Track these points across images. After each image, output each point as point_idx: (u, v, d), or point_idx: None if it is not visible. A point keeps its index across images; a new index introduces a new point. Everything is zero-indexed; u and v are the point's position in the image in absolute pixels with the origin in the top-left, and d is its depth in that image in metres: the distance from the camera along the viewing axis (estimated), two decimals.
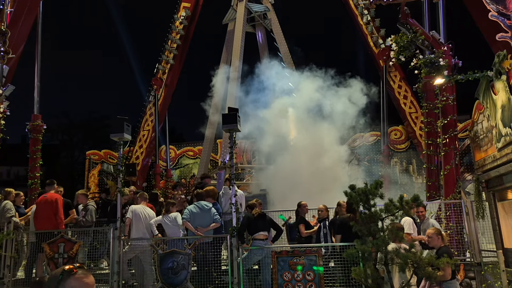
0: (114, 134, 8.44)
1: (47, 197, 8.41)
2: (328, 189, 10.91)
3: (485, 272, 7.87)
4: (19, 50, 12.11)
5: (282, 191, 12.04)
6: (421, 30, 8.83)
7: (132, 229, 8.00)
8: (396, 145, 18.00)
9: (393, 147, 17.89)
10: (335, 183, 11.56)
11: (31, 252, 8.36)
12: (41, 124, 12.52)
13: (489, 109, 7.28)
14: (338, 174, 12.88)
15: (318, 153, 12.89)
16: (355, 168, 17.30)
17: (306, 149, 13.13)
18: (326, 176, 12.21)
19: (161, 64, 19.86)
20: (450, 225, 8.60)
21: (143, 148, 19.62)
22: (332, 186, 11.30)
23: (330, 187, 11.20)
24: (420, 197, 6.11)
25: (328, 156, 12.97)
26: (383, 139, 16.99)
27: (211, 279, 7.66)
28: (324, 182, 11.81)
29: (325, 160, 12.85)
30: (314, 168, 12.40)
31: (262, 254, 7.67)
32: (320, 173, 12.27)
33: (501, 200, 7.68)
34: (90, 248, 8.49)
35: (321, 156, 12.83)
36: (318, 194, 10.51)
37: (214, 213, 8.08)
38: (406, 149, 17.93)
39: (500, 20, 8.94)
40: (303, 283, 7.41)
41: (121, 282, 7.81)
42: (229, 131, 8.23)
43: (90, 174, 21.49)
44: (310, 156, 12.79)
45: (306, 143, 13.40)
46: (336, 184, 11.22)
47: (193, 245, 7.73)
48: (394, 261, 5.61)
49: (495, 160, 7.30)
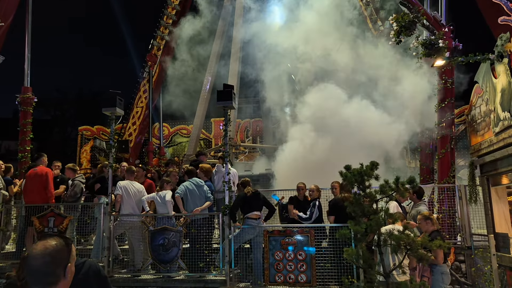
0: (106, 108, 8.25)
1: (37, 171, 8.24)
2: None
3: (475, 256, 7.93)
4: (8, 20, 11.73)
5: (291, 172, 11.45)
6: (423, 10, 8.64)
7: (122, 205, 7.90)
8: None
9: None
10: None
11: (24, 226, 8.24)
12: (32, 96, 12.23)
13: (489, 92, 7.18)
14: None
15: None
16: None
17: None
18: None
19: (156, 40, 19.47)
20: (442, 208, 8.61)
21: (136, 125, 19.39)
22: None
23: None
24: None
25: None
26: None
27: (202, 256, 7.62)
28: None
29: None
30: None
31: (254, 233, 7.63)
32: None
33: (494, 185, 7.66)
34: (79, 222, 8.39)
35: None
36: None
37: (207, 191, 7.99)
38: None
39: (503, 3, 8.77)
40: (294, 262, 7.41)
41: (111, 258, 7.76)
42: (224, 108, 8.07)
43: (82, 150, 21.34)
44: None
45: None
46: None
47: (185, 222, 7.66)
48: (387, 242, 5.58)
49: (491, 144, 7.25)
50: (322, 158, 10.88)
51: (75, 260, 4.11)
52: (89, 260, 4.08)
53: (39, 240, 2.12)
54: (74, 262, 4.02)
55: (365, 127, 10.84)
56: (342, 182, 6.36)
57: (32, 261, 1.99)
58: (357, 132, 10.80)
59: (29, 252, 2.04)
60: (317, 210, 7.90)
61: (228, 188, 7.88)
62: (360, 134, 10.71)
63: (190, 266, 7.59)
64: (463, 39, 8.95)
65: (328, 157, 10.60)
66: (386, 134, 10.55)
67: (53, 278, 2.00)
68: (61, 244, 2.09)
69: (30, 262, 2.00)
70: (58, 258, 2.04)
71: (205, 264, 7.60)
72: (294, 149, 12.33)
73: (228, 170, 8.06)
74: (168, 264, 7.62)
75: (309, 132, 12.11)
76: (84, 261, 3.96)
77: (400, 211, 7.56)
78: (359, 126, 10.95)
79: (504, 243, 7.31)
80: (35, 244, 2.08)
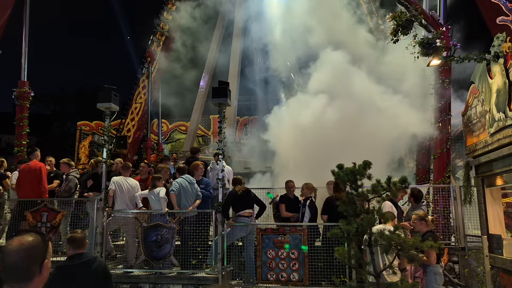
0: (101, 104, 8.24)
1: (31, 165, 8.24)
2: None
3: (468, 257, 7.90)
4: (6, 13, 11.68)
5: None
6: (421, 9, 8.58)
7: (116, 201, 7.89)
8: None
9: None
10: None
11: (14, 219, 8.24)
12: (29, 91, 12.20)
13: (484, 93, 7.13)
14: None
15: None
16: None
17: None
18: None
19: (156, 36, 19.42)
20: (437, 209, 8.57)
21: (135, 121, 19.37)
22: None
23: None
24: (409, 180, 6.04)
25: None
26: None
27: (195, 253, 7.61)
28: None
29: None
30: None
31: (246, 230, 7.61)
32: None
33: (489, 186, 7.61)
34: (73, 218, 8.38)
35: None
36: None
37: (197, 189, 7.98)
38: None
39: (502, 3, 8.70)
40: (287, 261, 7.40)
41: (104, 253, 7.75)
42: (219, 105, 8.04)
43: (80, 145, 21.31)
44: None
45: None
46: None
47: (178, 219, 7.65)
48: (378, 242, 5.55)
49: (487, 145, 7.20)
50: (322, 155, 10.53)
51: (85, 254, 4.14)
52: (99, 257, 4.16)
53: (16, 235, 2.11)
54: (86, 257, 4.05)
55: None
56: (335, 180, 6.34)
57: (7, 257, 1.98)
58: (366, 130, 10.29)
59: (5, 248, 2.03)
60: (308, 210, 7.82)
61: (221, 186, 7.87)
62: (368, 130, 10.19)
63: (183, 263, 7.59)
64: (462, 38, 8.92)
65: (329, 153, 10.25)
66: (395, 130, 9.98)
67: (28, 273, 1.99)
68: (37, 240, 2.07)
69: (5, 257, 1.99)
70: (34, 254, 2.02)
71: (197, 261, 7.59)
72: (293, 146, 12.17)
73: (222, 167, 8.04)
74: (161, 261, 7.61)
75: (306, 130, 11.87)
76: (95, 257, 4.04)
77: (393, 211, 7.51)
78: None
79: (497, 245, 7.27)
80: (11, 240, 2.06)
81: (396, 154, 10.65)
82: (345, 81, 11.05)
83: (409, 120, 9.74)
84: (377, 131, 9.85)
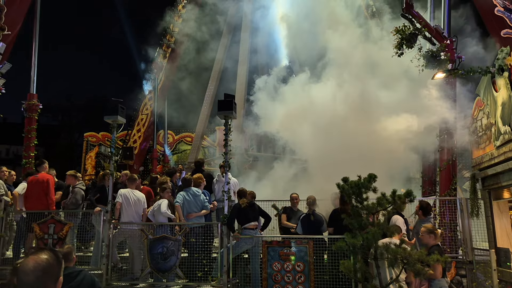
0: (108, 116, 8.35)
1: (39, 177, 8.33)
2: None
3: (476, 271, 7.82)
4: (16, 28, 11.92)
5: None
6: (424, 22, 8.64)
7: (122, 213, 7.93)
8: None
9: None
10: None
11: (19, 231, 8.31)
12: (37, 103, 12.41)
13: (489, 106, 7.15)
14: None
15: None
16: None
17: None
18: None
19: (162, 48, 19.65)
20: (444, 222, 8.51)
21: (141, 132, 19.51)
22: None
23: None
24: (415, 193, 6.03)
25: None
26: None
27: (201, 266, 7.61)
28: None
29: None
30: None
31: (251, 243, 7.61)
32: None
33: (496, 199, 7.58)
34: (80, 230, 8.42)
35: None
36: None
37: (205, 200, 8.01)
38: None
39: (506, 16, 8.74)
40: (292, 273, 7.38)
41: (110, 265, 7.78)
42: (224, 117, 8.11)
43: (87, 156, 21.44)
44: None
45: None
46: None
47: (183, 231, 7.67)
48: (384, 256, 5.54)
49: (493, 158, 7.19)
50: (328, 168, 10.37)
51: (71, 268, 4.11)
52: (85, 271, 4.11)
53: (30, 254, 2.14)
54: (72, 270, 4.02)
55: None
56: (340, 193, 6.35)
57: (24, 277, 2.01)
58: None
59: (21, 267, 2.05)
60: (299, 224, 7.84)
61: (227, 198, 7.89)
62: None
63: (188, 275, 7.58)
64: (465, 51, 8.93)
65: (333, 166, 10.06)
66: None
67: None
68: (52, 258, 2.10)
69: (21, 277, 2.01)
70: (50, 273, 2.06)
71: (203, 273, 7.58)
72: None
73: (228, 179, 8.08)
74: (167, 273, 7.61)
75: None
76: (79, 270, 4.00)
77: (403, 227, 7.43)
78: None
79: (506, 258, 7.21)
80: (26, 258, 2.09)
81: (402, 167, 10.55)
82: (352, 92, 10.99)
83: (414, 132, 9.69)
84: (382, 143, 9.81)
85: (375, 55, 10.69)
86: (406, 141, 9.66)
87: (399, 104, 9.66)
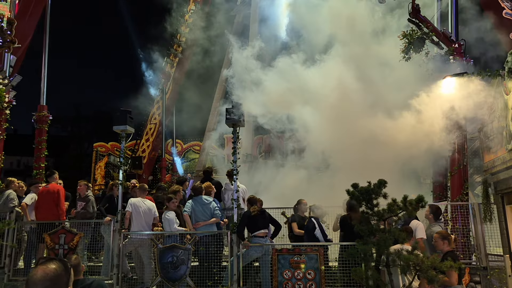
0: (117, 126, 8.43)
1: (49, 188, 8.42)
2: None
3: (491, 277, 7.68)
4: (26, 41, 12.11)
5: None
6: (432, 27, 8.61)
7: (132, 222, 7.94)
8: None
9: None
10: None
11: (30, 242, 8.37)
12: (47, 115, 12.55)
13: (500, 109, 7.06)
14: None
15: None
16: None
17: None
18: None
19: (170, 57, 19.80)
20: (456, 227, 8.39)
21: (149, 141, 19.60)
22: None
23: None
24: (425, 198, 5.95)
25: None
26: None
27: (211, 275, 7.58)
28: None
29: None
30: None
31: (262, 251, 7.56)
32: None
33: (509, 203, 7.44)
34: (91, 240, 8.46)
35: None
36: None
37: (215, 208, 7.99)
38: None
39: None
40: (303, 281, 7.30)
41: (120, 275, 7.78)
42: (232, 125, 8.12)
43: (97, 166, 21.58)
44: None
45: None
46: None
47: (193, 240, 7.65)
48: (396, 262, 5.46)
49: (505, 162, 7.07)
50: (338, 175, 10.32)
51: (84, 280, 4.12)
52: (97, 280, 4.12)
53: (39, 264, 2.15)
54: (83, 282, 4.02)
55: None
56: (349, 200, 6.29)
57: (33, 287, 2.01)
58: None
59: (29, 278, 2.06)
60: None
61: (236, 206, 7.87)
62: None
63: (198, 284, 7.55)
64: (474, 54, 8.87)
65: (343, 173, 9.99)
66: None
67: None
68: (60, 268, 2.11)
69: (30, 287, 2.01)
70: (59, 283, 2.06)
71: (213, 282, 7.55)
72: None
73: (237, 187, 8.06)
74: (177, 282, 7.59)
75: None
76: (92, 281, 4.02)
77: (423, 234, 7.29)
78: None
79: None
80: (35, 269, 2.10)
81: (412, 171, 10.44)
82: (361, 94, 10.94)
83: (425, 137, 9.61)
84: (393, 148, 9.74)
85: (388, 55, 10.57)
86: (416, 146, 9.60)
87: (407, 106, 9.60)
